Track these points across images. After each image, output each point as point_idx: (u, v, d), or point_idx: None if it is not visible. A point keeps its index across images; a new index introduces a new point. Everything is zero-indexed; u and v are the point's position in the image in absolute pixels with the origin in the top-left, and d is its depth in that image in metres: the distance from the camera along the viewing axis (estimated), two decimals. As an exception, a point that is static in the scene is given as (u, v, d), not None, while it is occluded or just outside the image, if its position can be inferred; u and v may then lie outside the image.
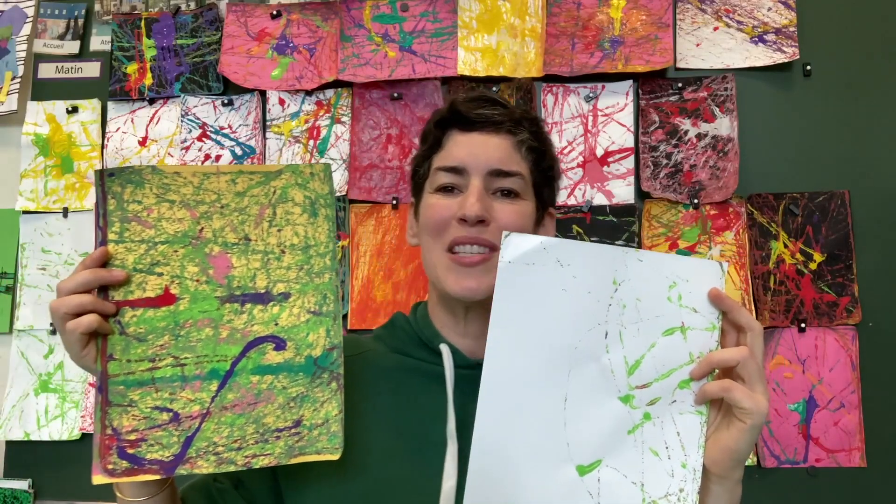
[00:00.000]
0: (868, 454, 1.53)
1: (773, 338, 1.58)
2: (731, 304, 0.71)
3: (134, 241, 0.73)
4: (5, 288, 1.80)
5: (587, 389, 0.71)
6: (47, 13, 1.89)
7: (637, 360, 0.71)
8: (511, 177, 0.88)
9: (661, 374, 0.71)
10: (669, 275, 0.71)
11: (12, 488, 1.71)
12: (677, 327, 0.71)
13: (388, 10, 1.75)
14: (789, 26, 1.65)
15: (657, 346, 0.71)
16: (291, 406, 0.73)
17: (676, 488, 0.70)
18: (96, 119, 1.82)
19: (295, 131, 1.75)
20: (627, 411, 0.71)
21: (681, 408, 0.71)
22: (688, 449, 0.71)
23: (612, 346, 0.71)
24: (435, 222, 0.87)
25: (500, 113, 0.90)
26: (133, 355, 0.71)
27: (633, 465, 0.70)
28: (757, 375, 0.69)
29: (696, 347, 0.71)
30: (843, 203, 1.60)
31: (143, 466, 0.70)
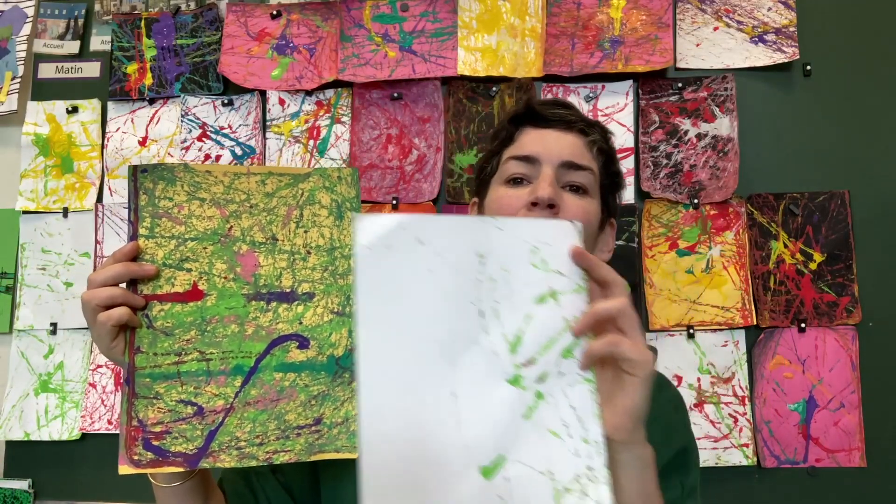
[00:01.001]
0: (868, 454, 1.53)
1: (773, 338, 1.58)
2: (592, 261, 0.68)
3: (164, 237, 0.74)
4: (5, 288, 1.80)
5: (474, 379, 0.64)
6: (47, 13, 1.89)
7: (517, 336, 0.66)
8: (583, 170, 0.88)
9: (543, 347, 0.66)
10: (529, 239, 0.68)
11: (12, 488, 1.71)
12: (547, 293, 0.67)
13: (388, 10, 1.75)
14: (789, 26, 1.65)
15: (533, 316, 0.66)
16: (312, 404, 0.74)
17: (584, 467, 0.65)
18: (96, 119, 1.82)
19: (295, 131, 1.75)
20: (519, 394, 0.65)
21: (569, 380, 0.66)
22: (585, 422, 0.66)
23: (489, 325, 0.65)
24: (504, 212, 0.87)
25: (573, 114, 0.92)
26: (160, 349, 0.73)
27: (537, 454, 0.64)
28: (637, 326, 0.66)
29: (570, 312, 0.67)
30: (843, 203, 1.60)
31: (168, 458, 0.72)
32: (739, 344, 1.58)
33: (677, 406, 0.88)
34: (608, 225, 0.96)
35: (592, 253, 0.88)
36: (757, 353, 1.58)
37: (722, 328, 1.59)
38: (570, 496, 0.64)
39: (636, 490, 0.67)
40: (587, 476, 0.65)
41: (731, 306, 1.59)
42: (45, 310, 1.77)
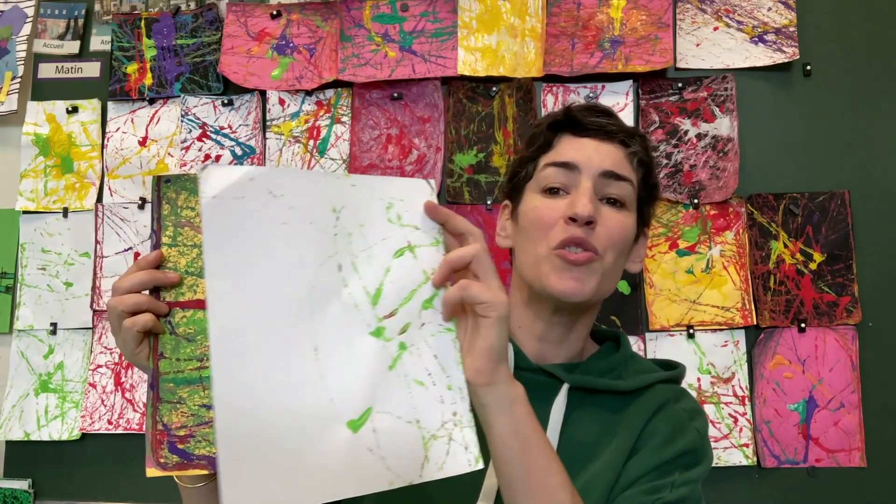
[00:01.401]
0: (868, 454, 1.53)
1: (773, 338, 1.58)
2: (446, 214, 0.69)
3: (186, 245, 0.75)
4: (5, 288, 1.80)
5: (336, 332, 0.63)
6: (47, 13, 1.89)
7: (378, 289, 0.66)
8: (623, 181, 0.87)
9: (404, 299, 0.66)
10: (384, 196, 0.67)
11: (12, 488, 1.71)
12: (405, 247, 0.67)
13: (388, 10, 1.75)
14: (789, 26, 1.65)
15: (392, 269, 0.66)
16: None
17: (450, 413, 0.66)
18: (96, 119, 1.82)
19: (295, 131, 1.75)
20: (383, 345, 0.65)
21: (431, 329, 0.67)
22: (448, 369, 0.66)
23: (348, 278, 0.64)
24: (541, 223, 0.86)
25: (614, 123, 0.90)
26: (182, 354, 0.73)
27: (404, 403, 0.64)
28: (491, 271, 0.67)
29: (428, 264, 0.68)
30: (843, 203, 1.60)
31: (193, 461, 0.72)
32: (739, 344, 1.58)
33: (693, 416, 0.86)
34: (641, 235, 0.94)
35: (623, 264, 0.90)
36: (757, 353, 1.58)
37: (722, 328, 1.59)
38: (437, 442, 0.65)
39: (508, 430, 0.67)
40: (453, 421, 0.66)
41: (731, 306, 1.59)
42: (45, 310, 1.77)
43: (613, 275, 0.88)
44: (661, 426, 0.83)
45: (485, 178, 1.69)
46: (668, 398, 0.87)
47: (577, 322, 0.90)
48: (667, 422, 0.84)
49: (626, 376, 0.89)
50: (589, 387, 0.86)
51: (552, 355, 0.90)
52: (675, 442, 0.82)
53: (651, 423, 0.84)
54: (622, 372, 0.90)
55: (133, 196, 1.78)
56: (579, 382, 0.86)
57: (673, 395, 0.88)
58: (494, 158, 1.69)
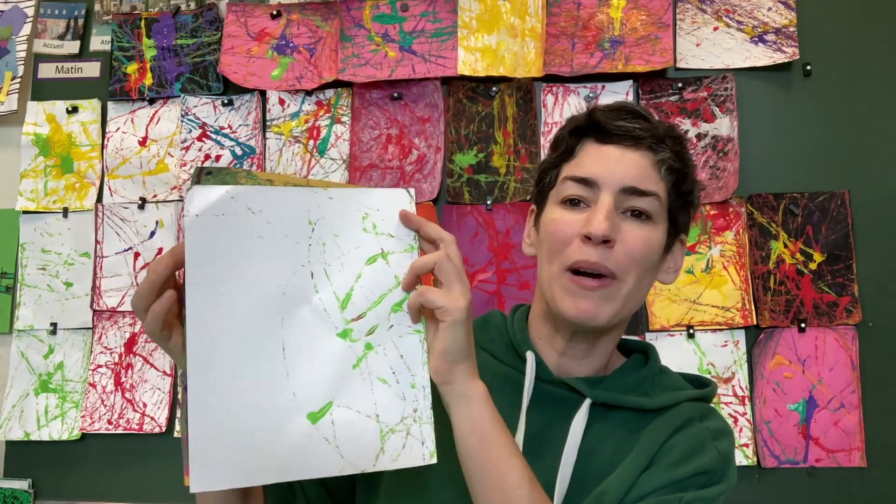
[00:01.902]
0: (868, 454, 1.53)
1: (773, 338, 1.58)
2: (419, 222, 0.72)
3: None
4: (5, 288, 1.80)
5: (304, 333, 0.69)
6: (47, 13, 1.89)
7: (347, 294, 0.71)
8: (646, 196, 0.81)
9: (373, 302, 0.71)
10: (360, 207, 0.72)
11: (12, 488, 1.71)
12: (378, 254, 0.72)
13: (388, 10, 1.75)
14: (789, 26, 1.65)
15: (363, 275, 0.71)
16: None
17: (410, 409, 0.70)
18: (96, 119, 1.82)
19: (295, 131, 1.75)
20: (348, 346, 0.70)
21: (399, 331, 0.71)
22: (413, 369, 0.71)
23: (319, 284, 0.70)
24: (557, 239, 0.82)
25: (641, 127, 0.83)
26: None
27: (364, 399, 0.69)
28: (455, 276, 0.70)
29: (400, 270, 0.72)
30: (843, 203, 1.60)
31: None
32: (739, 344, 1.58)
33: (717, 436, 0.82)
34: (677, 243, 0.88)
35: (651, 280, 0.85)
36: (757, 353, 1.58)
37: (722, 328, 1.59)
38: (395, 436, 0.69)
39: (466, 426, 0.70)
40: (412, 417, 0.70)
41: (731, 306, 1.59)
42: (45, 310, 1.77)
43: (637, 294, 0.83)
44: (680, 443, 0.79)
45: (485, 178, 1.69)
46: (692, 416, 0.83)
47: (601, 340, 0.87)
48: (687, 439, 0.80)
49: (654, 393, 0.85)
50: (612, 403, 0.83)
51: (575, 369, 0.87)
52: (692, 460, 0.78)
53: (671, 440, 0.80)
54: (649, 388, 0.86)
55: (133, 196, 1.78)
56: (602, 398, 0.83)
57: (699, 414, 0.84)
58: (494, 158, 1.69)
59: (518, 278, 1.64)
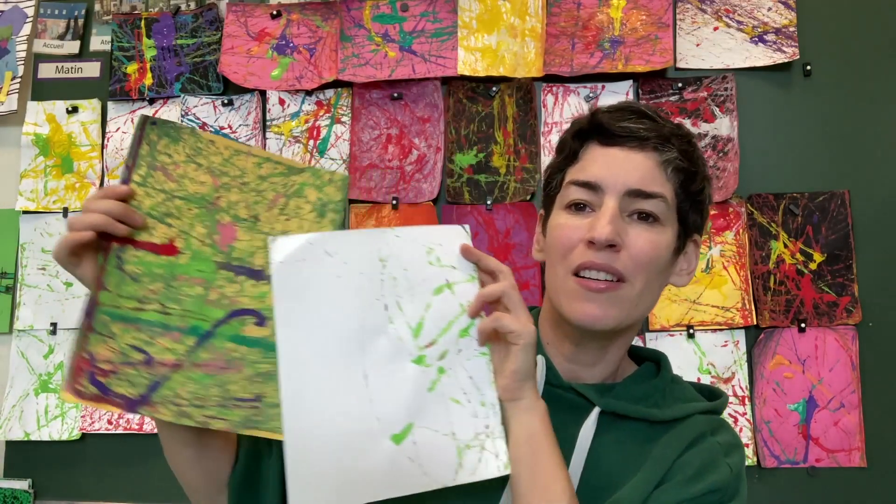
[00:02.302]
0: (868, 454, 1.53)
1: (773, 338, 1.58)
2: (478, 255, 0.77)
3: (155, 189, 0.78)
4: (5, 288, 1.80)
5: (382, 362, 0.74)
6: (47, 13, 1.89)
7: (419, 323, 0.76)
8: (651, 198, 0.80)
9: (443, 329, 0.76)
10: (424, 242, 0.77)
11: (12, 488, 1.71)
12: (444, 285, 0.77)
13: (388, 10, 1.75)
14: (789, 26, 1.65)
15: (432, 305, 0.76)
16: (257, 380, 0.76)
17: (483, 426, 0.75)
18: (96, 119, 1.82)
19: (295, 131, 1.75)
20: (423, 371, 0.75)
21: (467, 354, 0.76)
22: (482, 388, 0.76)
23: (393, 316, 0.76)
24: (561, 244, 0.82)
25: (646, 127, 0.82)
26: (124, 292, 0.76)
27: (441, 419, 0.75)
28: (519, 304, 0.74)
29: (464, 298, 0.77)
30: (843, 203, 1.60)
31: (109, 397, 0.74)
32: (739, 344, 1.58)
33: (729, 451, 0.80)
34: (690, 243, 0.87)
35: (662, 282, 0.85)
36: (757, 353, 1.58)
37: (722, 328, 1.59)
38: (471, 451, 0.74)
39: (523, 434, 0.74)
40: (485, 433, 0.75)
41: (731, 306, 1.59)
42: (45, 310, 1.77)
43: (647, 297, 0.83)
44: (692, 460, 0.79)
45: (485, 178, 1.69)
46: (704, 430, 0.82)
47: (611, 345, 0.86)
48: (699, 456, 0.79)
49: (664, 404, 0.85)
50: (621, 413, 0.82)
51: (585, 375, 0.86)
52: (705, 478, 0.77)
53: (683, 456, 0.79)
54: (659, 399, 0.85)
55: (133, 196, 1.78)
56: (612, 407, 0.82)
57: (710, 428, 0.83)
58: (494, 158, 1.69)
59: (518, 278, 1.64)
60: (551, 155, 1.66)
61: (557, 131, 1.68)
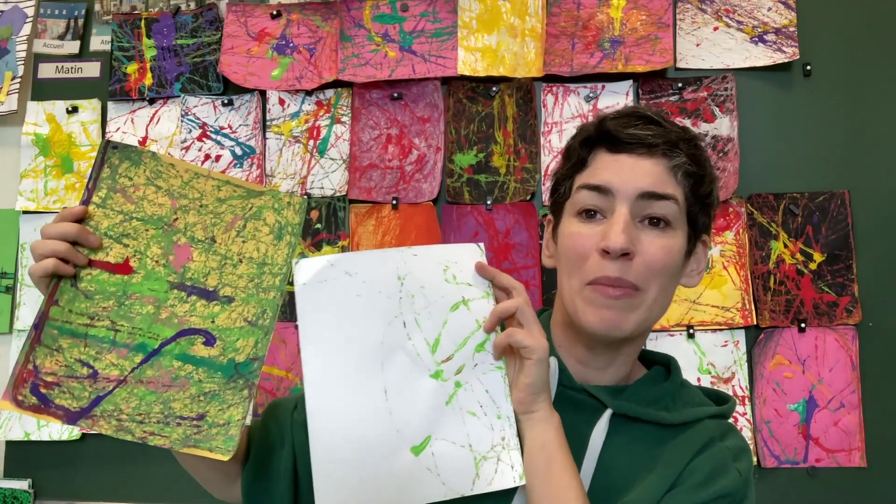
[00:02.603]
0: (868, 454, 1.53)
1: (773, 338, 1.58)
2: (493, 272, 0.80)
3: (113, 210, 0.80)
4: (5, 288, 1.80)
5: (401, 377, 0.78)
6: (47, 13, 1.89)
7: (436, 339, 0.79)
8: (664, 200, 0.80)
9: (459, 345, 0.79)
10: (441, 260, 0.81)
11: (12, 488, 1.71)
12: (460, 301, 0.80)
13: (388, 10, 1.75)
14: (789, 26, 1.65)
15: (449, 321, 0.80)
16: (200, 399, 0.78)
17: (499, 438, 0.78)
18: (96, 119, 1.82)
19: (295, 131, 1.75)
20: (440, 385, 0.79)
21: (483, 369, 0.80)
22: (498, 402, 0.79)
23: (412, 332, 0.79)
24: (575, 253, 0.82)
25: (654, 133, 0.82)
26: (76, 308, 0.77)
27: (458, 431, 0.78)
28: (532, 320, 0.77)
29: (480, 314, 0.80)
30: (843, 203, 1.60)
31: (50, 408, 0.75)
32: (739, 344, 1.58)
33: (738, 456, 0.82)
34: (699, 245, 0.87)
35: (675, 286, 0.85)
36: (757, 353, 1.58)
37: (722, 328, 1.59)
38: (487, 462, 0.77)
39: (537, 444, 0.77)
40: (501, 445, 0.78)
41: (731, 306, 1.59)
42: (45, 310, 1.76)
43: (661, 302, 0.83)
44: (702, 465, 0.79)
45: (485, 178, 1.69)
46: (714, 435, 0.83)
47: (622, 350, 0.87)
48: (709, 461, 0.80)
49: (674, 408, 0.85)
50: (633, 415, 0.83)
51: (596, 377, 0.87)
52: (715, 483, 0.78)
53: (694, 460, 0.80)
54: (669, 403, 0.86)
55: (133, 196, 1.78)
56: (623, 409, 0.83)
57: (720, 432, 0.84)
58: (494, 158, 1.69)
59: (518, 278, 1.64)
60: (551, 155, 1.67)
61: (557, 131, 1.68)
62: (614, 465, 0.81)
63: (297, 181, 1.73)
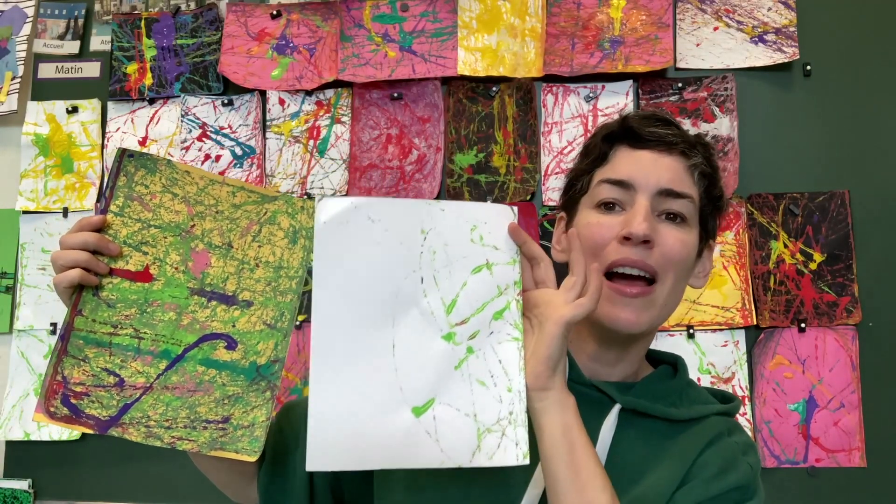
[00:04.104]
0: (868, 454, 1.53)
1: (773, 338, 1.58)
2: (525, 237, 0.77)
3: (131, 218, 0.81)
4: (5, 288, 1.80)
5: (412, 334, 0.74)
6: (47, 13, 1.89)
7: (453, 300, 0.76)
8: (682, 198, 0.83)
9: (477, 309, 0.76)
10: (470, 219, 0.77)
11: (12, 488, 1.71)
12: (483, 265, 0.77)
13: (388, 10, 1.75)
14: (789, 26, 1.65)
15: (468, 284, 0.76)
16: (225, 403, 0.79)
17: (506, 412, 0.74)
18: (96, 119, 1.82)
19: (295, 131, 1.75)
20: (451, 348, 0.75)
21: (499, 338, 0.76)
22: (510, 374, 0.75)
23: (428, 289, 0.75)
24: (594, 242, 0.83)
25: (673, 133, 0.85)
26: (99, 317, 0.78)
27: (464, 398, 0.74)
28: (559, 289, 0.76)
29: (503, 281, 0.77)
30: (843, 203, 1.60)
31: (81, 418, 0.76)
32: (739, 344, 1.58)
33: (746, 450, 0.83)
34: (706, 248, 0.90)
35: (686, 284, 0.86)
36: (757, 353, 1.58)
37: (722, 328, 1.59)
38: (491, 436, 0.74)
39: (558, 431, 0.73)
40: (508, 419, 0.74)
41: (731, 306, 1.59)
42: (45, 310, 1.77)
43: (674, 298, 0.84)
44: (713, 459, 0.80)
45: (485, 178, 1.69)
46: (721, 430, 0.84)
47: (632, 346, 0.87)
48: (719, 455, 0.81)
49: (681, 405, 0.86)
50: (641, 410, 0.84)
51: (605, 374, 0.88)
52: (727, 476, 0.79)
53: (704, 454, 0.81)
54: (676, 400, 0.87)
55: (133, 196, 1.78)
56: (632, 405, 0.84)
57: (727, 428, 0.85)
58: (494, 158, 1.69)
59: (518, 278, 1.64)
60: (551, 155, 1.67)
61: (557, 131, 1.68)
62: (624, 459, 0.81)
63: (297, 181, 1.73)
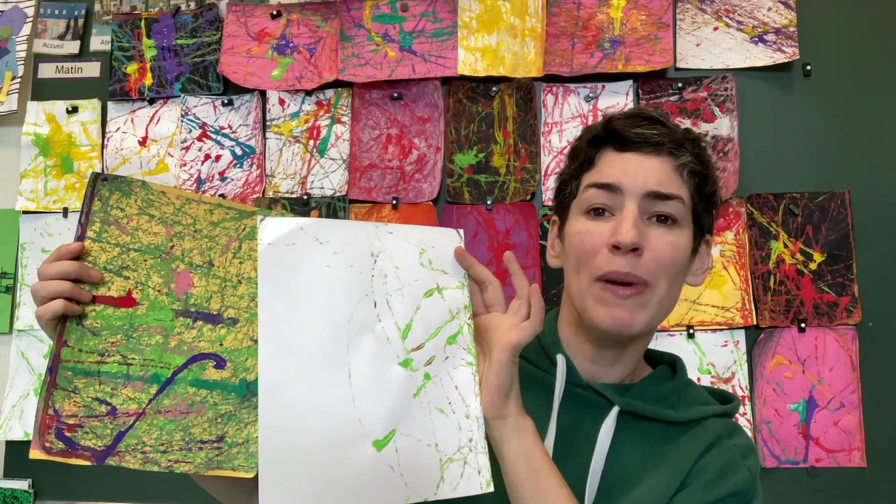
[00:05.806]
0: (868, 454, 1.53)
1: (773, 338, 1.58)
2: (471, 261, 0.78)
3: (109, 243, 0.79)
4: (5, 288, 1.80)
5: (368, 361, 0.72)
6: (47, 13, 1.89)
7: (408, 324, 0.75)
8: (670, 200, 0.81)
9: (431, 334, 0.75)
10: (417, 242, 0.77)
11: (12, 488, 1.71)
12: (434, 288, 0.76)
13: (388, 10, 1.75)
14: (789, 26, 1.65)
15: (422, 307, 0.75)
16: (218, 422, 0.78)
17: (466, 439, 0.74)
18: (96, 119, 1.82)
19: (295, 131, 1.75)
20: (409, 375, 0.73)
21: (453, 363, 0.75)
22: (467, 400, 0.75)
23: (382, 314, 0.74)
24: (584, 250, 0.82)
25: (660, 133, 0.83)
26: (85, 346, 0.77)
27: (425, 428, 0.73)
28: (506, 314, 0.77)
29: (454, 305, 0.77)
30: (843, 203, 1.60)
31: (77, 451, 0.75)
32: (739, 344, 1.58)
33: (746, 454, 0.83)
34: (703, 244, 0.88)
35: (682, 284, 0.86)
36: (757, 353, 1.58)
37: (722, 328, 1.59)
38: (453, 465, 0.73)
39: (519, 457, 0.73)
40: (468, 447, 0.73)
41: (731, 306, 1.59)
42: (45, 310, 1.76)
43: (669, 299, 0.84)
44: (712, 463, 0.80)
45: (485, 178, 1.69)
46: (721, 433, 0.83)
47: (630, 347, 0.87)
48: (719, 458, 0.81)
49: (680, 406, 0.86)
50: (640, 412, 0.83)
51: (603, 376, 0.87)
52: (726, 481, 0.79)
53: (703, 458, 0.81)
54: (675, 401, 0.86)
55: (133, 196, 1.78)
56: (630, 407, 0.83)
57: (727, 431, 0.85)
58: (494, 158, 1.69)
59: (518, 278, 1.64)
60: (551, 155, 1.67)
61: (557, 131, 1.68)
62: (622, 462, 0.81)
63: (297, 181, 1.73)
